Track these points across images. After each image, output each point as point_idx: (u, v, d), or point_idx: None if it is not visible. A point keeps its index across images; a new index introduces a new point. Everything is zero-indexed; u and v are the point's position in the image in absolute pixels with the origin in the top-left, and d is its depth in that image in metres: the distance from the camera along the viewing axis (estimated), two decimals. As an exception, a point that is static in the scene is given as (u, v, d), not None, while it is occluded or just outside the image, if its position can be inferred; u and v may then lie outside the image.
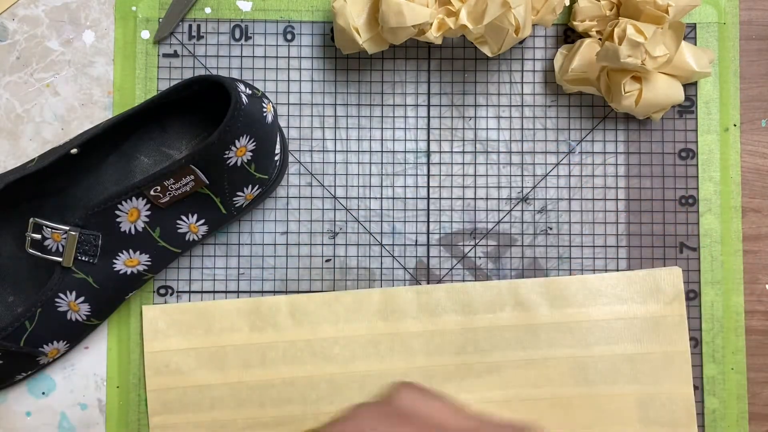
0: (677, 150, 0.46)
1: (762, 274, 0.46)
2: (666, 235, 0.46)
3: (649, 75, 0.42)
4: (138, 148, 0.45)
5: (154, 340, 0.45)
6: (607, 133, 0.46)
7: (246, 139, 0.40)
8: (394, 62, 0.46)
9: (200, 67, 0.46)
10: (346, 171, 0.46)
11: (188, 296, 0.45)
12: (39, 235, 0.40)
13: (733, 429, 0.45)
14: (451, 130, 0.46)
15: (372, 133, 0.46)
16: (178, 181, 0.40)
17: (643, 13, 0.41)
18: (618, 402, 0.45)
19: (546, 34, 0.47)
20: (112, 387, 0.45)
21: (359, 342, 0.45)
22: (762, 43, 0.47)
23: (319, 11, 0.46)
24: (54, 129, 0.46)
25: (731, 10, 0.47)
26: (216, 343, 0.45)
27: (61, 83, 0.46)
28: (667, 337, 0.45)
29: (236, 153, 0.40)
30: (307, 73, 0.46)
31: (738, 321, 0.46)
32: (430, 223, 0.46)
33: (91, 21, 0.46)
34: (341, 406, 0.45)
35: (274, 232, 0.46)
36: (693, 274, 0.46)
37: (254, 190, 0.43)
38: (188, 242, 0.43)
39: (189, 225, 0.42)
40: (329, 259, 0.46)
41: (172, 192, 0.40)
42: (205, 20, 0.46)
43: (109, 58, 0.46)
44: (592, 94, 0.46)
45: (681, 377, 0.45)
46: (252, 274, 0.46)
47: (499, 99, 0.46)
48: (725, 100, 0.46)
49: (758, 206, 0.46)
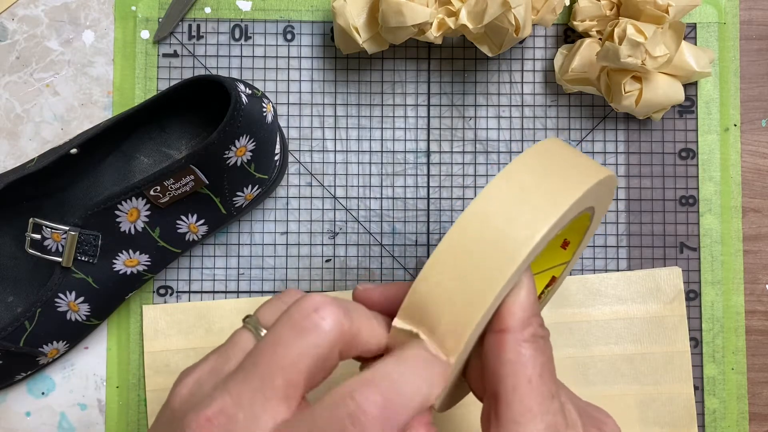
0: (677, 150, 0.46)
1: (762, 274, 0.46)
2: (666, 235, 0.46)
3: (649, 75, 0.42)
4: (138, 148, 0.45)
5: (154, 340, 0.45)
6: (607, 133, 0.46)
7: (246, 139, 0.40)
8: (394, 62, 0.46)
9: (200, 67, 0.46)
10: (346, 171, 0.46)
11: (188, 296, 0.45)
12: (39, 235, 0.40)
13: (733, 429, 0.45)
14: (451, 130, 0.46)
15: (372, 133, 0.46)
16: (178, 181, 0.40)
17: (643, 13, 0.41)
18: (618, 402, 0.45)
19: (546, 34, 0.47)
20: (111, 387, 0.45)
21: (359, 342, 0.45)
22: (762, 43, 0.47)
23: (319, 11, 0.46)
24: (54, 129, 0.46)
25: (731, 10, 0.47)
26: (216, 343, 0.44)
27: (60, 83, 0.46)
28: (667, 337, 0.45)
29: (236, 153, 0.40)
30: (307, 73, 0.46)
31: (738, 321, 0.46)
32: (430, 223, 0.46)
33: (90, 21, 0.46)
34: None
35: (274, 232, 0.46)
36: (693, 274, 0.46)
37: (254, 190, 0.43)
38: (188, 242, 0.43)
39: (189, 225, 0.42)
40: (329, 259, 0.46)
41: (172, 192, 0.40)
42: (205, 20, 0.46)
43: (109, 58, 0.46)
44: (592, 94, 0.46)
45: (681, 377, 0.45)
46: (252, 274, 0.46)
47: (499, 99, 0.46)
48: (725, 100, 0.46)
49: (758, 206, 0.46)
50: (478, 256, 0.26)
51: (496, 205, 0.27)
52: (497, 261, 0.26)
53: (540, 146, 0.29)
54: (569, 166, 0.29)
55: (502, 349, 0.27)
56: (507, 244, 0.26)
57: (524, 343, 0.27)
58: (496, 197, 0.27)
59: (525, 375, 0.26)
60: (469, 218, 0.27)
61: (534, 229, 0.26)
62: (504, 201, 0.27)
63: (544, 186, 0.27)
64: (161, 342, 0.45)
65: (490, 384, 0.27)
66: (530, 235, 0.26)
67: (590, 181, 0.28)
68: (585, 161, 0.29)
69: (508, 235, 0.26)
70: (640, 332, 0.45)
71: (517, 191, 0.27)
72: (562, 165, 0.28)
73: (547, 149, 0.29)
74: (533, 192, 0.27)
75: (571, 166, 0.29)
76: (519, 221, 0.26)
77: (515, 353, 0.27)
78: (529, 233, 0.26)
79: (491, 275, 0.26)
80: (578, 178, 0.28)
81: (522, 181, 0.27)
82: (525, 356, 0.27)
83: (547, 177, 0.28)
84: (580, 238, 0.35)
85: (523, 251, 0.26)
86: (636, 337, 0.45)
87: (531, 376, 0.26)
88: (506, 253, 0.26)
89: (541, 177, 0.28)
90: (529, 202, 0.27)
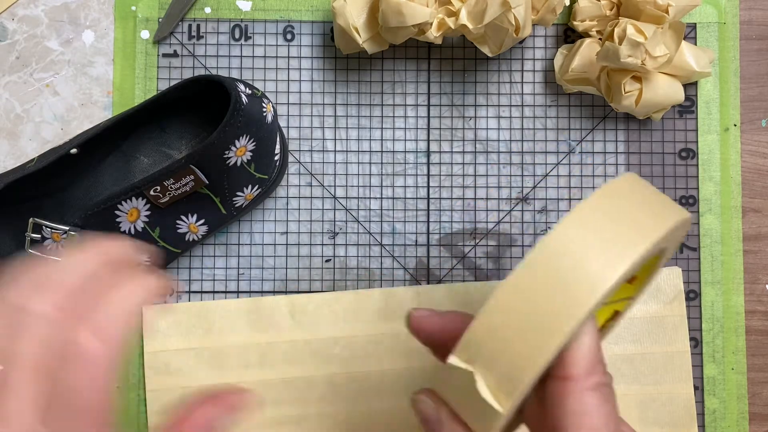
0: (677, 150, 0.46)
1: (762, 274, 0.46)
2: (666, 235, 0.46)
3: (649, 75, 0.42)
4: (138, 148, 0.45)
5: (154, 340, 0.45)
6: (607, 133, 0.46)
7: (246, 139, 0.40)
8: (394, 62, 0.46)
9: (200, 67, 0.46)
10: (346, 171, 0.46)
11: (188, 296, 0.45)
12: (39, 235, 0.40)
13: (733, 429, 0.45)
14: (451, 130, 0.46)
15: (372, 133, 0.46)
16: (178, 181, 0.40)
17: (643, 13, 0.41)
18: (618, 402, 0.45)
19: (546, 34, 0.47)
20: (111, 387, 0.45)
21: (359, 342, 0.45)
22: (762, 43, 0.47)
23: (319, 11, 0.46)
24: (54, 129, 0.46)
25: (731, 10, 0.47)
26: (216, 343, 0.44)
27: (60, 83, 0.46)
28: (667, 337, 0.45)
29: (236, 153, 0.40)
30: (307, 73, 0.46)
31: (738, 321, 0.46)
32: (430, 223, 0.46)
33: (90, 21, 0.46)
34: (341, 406, 0.45)
35: (274, 232, 0.46)
36: (693, 274, 0.46)
37: (254, 190, 0.43)
38: (188, 242, 0.43)
39: (189, 225, 0.42)
40: (329, 259, 0.46)
41: (172, 192, 0.40)
42: (205, 20, 0.46)
43: (109, 58, 0.46)
44: (592, 94, 0.46)
45: (681, 377, 0.45)
46: (252, 274, 0.46)
47: (499, 99, 0.46)
48: (725, 100, 0.46)
49: (758, 206, 0.46)
50: (545, 298, 0.25)
51: (568, 245, 0.26)
52: (565, 306, 0.25)
53: (616, 183, 0.28)
54: (647, 207, 0.27)
55: (565, 398, 0.26)
56: (577, 289, 0.25)
57: (589, 392, 0.26)
58: (568, 237, 0.26)
59: (590, 426, 0.26)
60: (538, 257, 0.26)
61: (604, 277, 0.25)
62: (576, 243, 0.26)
63: (619, 229, 0.26)
64: (161, 342, 0.45)
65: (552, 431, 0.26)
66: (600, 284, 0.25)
67: (666, 225, 0.27)
68: (662, 202, 0.28)
69: (578, 280, 0.25)
70: (640, 332, 0.45)
71: (591, 233, 0.26)
72: (640, 206, 0.27)
73: (624, 187, 0.28)
74: (607, 236, 0.26)
75: (648, 207, 0.27)
76: (590, 267, 0.25)
77: (579, 403, 0.26)
78: (599, 282, 0.25)
79: (558, 320, 0.25)
80: (655, 220, 0.27)
81: (596, 222, 0.26)
82: (590, 406, 0.26)
83: (621, 219, 0.26)
84: (648, 274, 0.34)
85: (593, 299, 0.25)
86: (636, 337, 0.45)
87: (597, 426, 0.26)
88: (576, 299, 0.25)
89: (615, 219, 0.26)
90: (601, 246, 0.26)
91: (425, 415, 0.29)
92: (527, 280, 0.26)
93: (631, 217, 0.27)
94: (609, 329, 0.35)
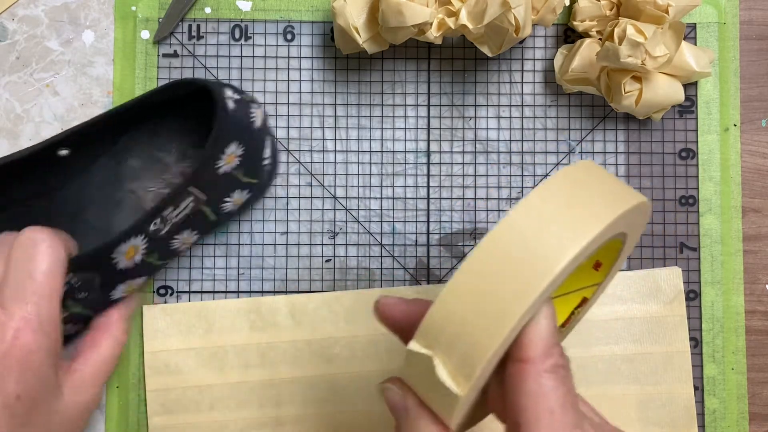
0: (677, 150, 0.46)
1: (762, 274, 0.46)
2: (666, 235, 0.46)
3: (649, 75, 0.42)
4: (128, 150, 0.44)
5: (154, 340, 0.45)
6: (607, 133, 0.46)
7: (235, 146, 0.39)
8: (394, 62, 0.46)
9: (200, 67, 0.46)
10: (346, 171, 0.46)
11: (188, 296, 0.45)
12: None
13: (733, 429, 0.45)
14: (451, 130, 0.46)
15: (372, 133, 0.46)
16: (177, 206, 0.39)
17: (643, 13, 0.41)
18: (618, 402, 0.45)
19: (546, 34, 0.47)
20: (111, 387, 0.45)
21: (359, 342, 0.45)
22: (762, 43, 0.47)
23: (319, 11, 0.46)
24: (54, 129, 0.46)
25: (731, 10, 0.47)
26: (216, 343, 0.44)
27: (60, 83, 0.46)
28: (667, 337, 0.45)
29: (226, 161, 0.39)
30: (307, 73, 0.46)
31: (738, 321, 0.46)
32: (430, 223, 0.46)
33: (90, 21, 0.46)
34: (341, 407, 0.45)
35: (274, 232, 0.46)
36: (693, 274, 0.46)
37: (243, 194, 0.42)
38: (179, 252, 0.43)
39: (182, 240, 0.42)
40: (329, 259, 0.46)
41: (172, 219, 0.40)
42: (205, 20, 0.46)
43: (109, 58, 0.46)
44: (592, 94, 0.46)
45: (681, 377, 0.45)
46: (252, 274, 0.46)
47: (499, 99, 0.46)
48: (725, 100, 0.46)
49: (758, 206, 0.46)
50: (498, 281, 0.25)
51: (520, 231, 0.26)
52: (518, 289, 0.25)
53: (570, 170, 0.28)
54: (601, 191, 0.27)
55: (523, 380, 0.26)
56: (529, 271, 0.25)
57: (545, 374, 0.26)
58: (519, 222, 0.26)
59: (547, 406, 0.26)
60: (492, 242, 0.26)
61: (556, 259, 0.25)
62: (528, 227, 0.26)
63: (572, 213, 0.26)
64: (161, 342, 0.45)
65: (512, 413, 0.27)
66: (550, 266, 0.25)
67: (621, 208, 0.27)
68: (617, 186, 0.28)
69: (530, 262, 0.25)
70: (640, 332, 0.45)
71: (542, 217, 0.26)
72: (593, 190, 0.27)
73: (578, 173, 0.28)
74: (560, 219, 0.26)
75: (602, 191, 0.27)
76: (542, 251, 0.25)
77: (536, 384, 0.26)
78: (550, 264, 0.25)
79: (511, 303, 0.25)
80: (609, 204, 0.27)
81: (549, 207, 0.26)
82: (546, 387, 0.26)
83: (575, 203, 0.27)
84: (612, 261, 0.34)
85: (544, 282, 0.25)
86: (636, 337, 0.45)
87: (553, 408, 0.26)
88: (527, 282, 0.25)
89: (569, 203, 0.26)
90: (553, 230, 0.26)
91: (392, 403, 0.30)
92: (482, 264, 0.26)
93: (585, 201, 0.27)
94: (578, 316, 0.36)
